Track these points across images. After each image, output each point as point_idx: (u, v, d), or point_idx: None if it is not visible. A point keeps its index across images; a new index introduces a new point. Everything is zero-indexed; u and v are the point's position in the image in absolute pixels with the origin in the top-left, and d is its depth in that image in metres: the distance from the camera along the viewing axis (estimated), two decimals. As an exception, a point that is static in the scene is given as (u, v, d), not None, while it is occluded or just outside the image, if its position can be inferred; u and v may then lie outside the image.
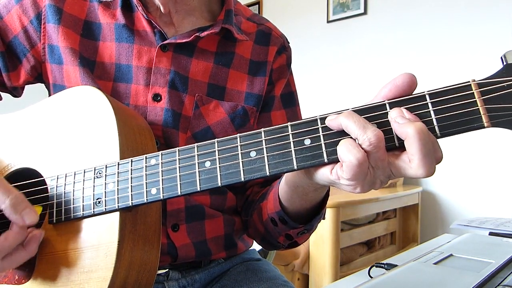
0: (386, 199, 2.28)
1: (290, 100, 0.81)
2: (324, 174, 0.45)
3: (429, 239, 1.11)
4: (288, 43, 0.83)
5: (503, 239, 0.92)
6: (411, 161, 0.40)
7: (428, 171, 0.39)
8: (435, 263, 0.72)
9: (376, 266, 0.80)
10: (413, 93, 0.43)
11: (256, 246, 0.89)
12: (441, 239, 1.06)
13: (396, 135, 0.42)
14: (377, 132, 0.40)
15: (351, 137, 0.42)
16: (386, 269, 0.77)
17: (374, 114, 0.43)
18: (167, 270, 0.70)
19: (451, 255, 0.77)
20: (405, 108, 0.42)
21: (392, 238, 2.58)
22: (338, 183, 0.45)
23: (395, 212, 2.54)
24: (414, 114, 0.41)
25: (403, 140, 0.41)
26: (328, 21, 3.11)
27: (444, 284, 0.61)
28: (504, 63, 0.40)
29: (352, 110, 0.43)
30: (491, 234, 0.99)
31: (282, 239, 0.69)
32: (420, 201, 2.60)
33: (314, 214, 0.63)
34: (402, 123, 0.40)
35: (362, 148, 0.41)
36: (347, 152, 0.41)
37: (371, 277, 0.77)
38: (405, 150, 0.41)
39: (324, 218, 0.68)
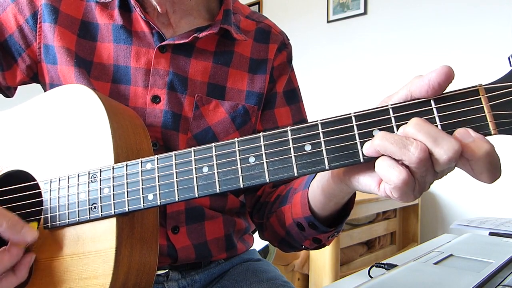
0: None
1: (293, 96, 0.81)
2: (368, 188, 0.44)
3: (429, 239, 1.11)
4: (288, 39, 0.83)
5: (503, 239, 0.92)
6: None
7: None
8: (435, 263, 0.72)
9: (376, 266, 0.80)
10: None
11: (256, 246, 0.88)
12: (441, 239, 1.06)
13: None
14: (419, 145, 0.37)
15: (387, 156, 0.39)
16: (386, 269, 0.77)
17: (378, 119, 0.41)
18: (167, 270, 0.70)
19: (451, 255, 0.77)
20: (410, 112, 0.40)
21: (392, 238, 2.57)
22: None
23: (395, 212, 2.54)
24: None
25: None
26: (328, 21, 3.11)
27: (444, 284, 0.61)
28: None
29: (355, 114, 0.41)
30: (491, 234, 0.99)
31: (309, 243, 0.67)
32: (420, 201, 2.59)
33: (343, 213, 0.62)
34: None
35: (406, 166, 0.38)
36: (389, 174, 0.38)
37: (371, 277, 0.77)
38: None
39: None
